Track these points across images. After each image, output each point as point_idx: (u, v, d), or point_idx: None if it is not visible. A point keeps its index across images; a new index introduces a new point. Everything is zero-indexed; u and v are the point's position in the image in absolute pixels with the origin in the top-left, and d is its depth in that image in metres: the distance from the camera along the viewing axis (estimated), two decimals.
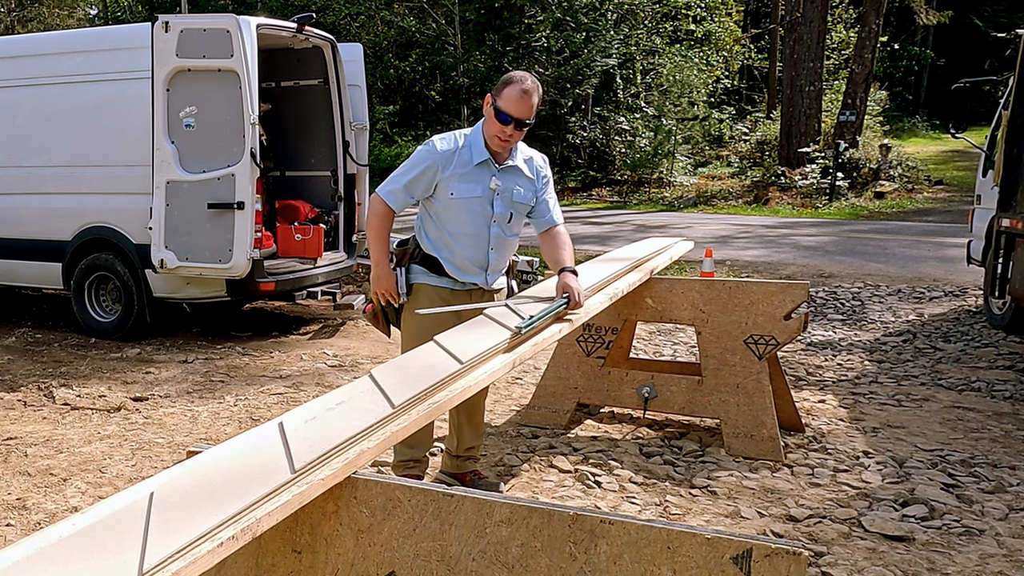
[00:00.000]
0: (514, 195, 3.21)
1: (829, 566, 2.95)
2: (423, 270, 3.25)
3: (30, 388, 5.40)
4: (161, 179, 6.21)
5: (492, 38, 21.94)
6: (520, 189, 3.23)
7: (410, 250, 3.29)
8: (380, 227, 3.21)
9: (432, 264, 3.24)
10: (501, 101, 3.03)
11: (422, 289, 3.25)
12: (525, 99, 3.02)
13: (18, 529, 3.36)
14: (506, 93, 3.03)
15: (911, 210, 16.06)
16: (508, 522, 1.60)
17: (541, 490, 3.68)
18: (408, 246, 3.31)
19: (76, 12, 33.28)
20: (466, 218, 3.16)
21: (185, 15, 10.41)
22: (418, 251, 3.27)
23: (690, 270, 9.22)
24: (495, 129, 3.06)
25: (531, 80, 3.06)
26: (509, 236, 3.28)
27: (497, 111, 3.05)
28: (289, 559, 1.78)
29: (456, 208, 3.15)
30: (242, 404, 5.07)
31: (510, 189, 3.20)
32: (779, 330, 4.04)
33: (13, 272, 7.29)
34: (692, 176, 21.75)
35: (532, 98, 3.04)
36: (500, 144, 3.10)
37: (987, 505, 3.47)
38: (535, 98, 3.05)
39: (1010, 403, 5.00)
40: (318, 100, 7.45)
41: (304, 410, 1.97)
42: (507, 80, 3.06)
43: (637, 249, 4.63)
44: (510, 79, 3.06)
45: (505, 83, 3.05)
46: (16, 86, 7.09)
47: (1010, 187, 5.88)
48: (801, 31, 19.04)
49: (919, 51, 31.59)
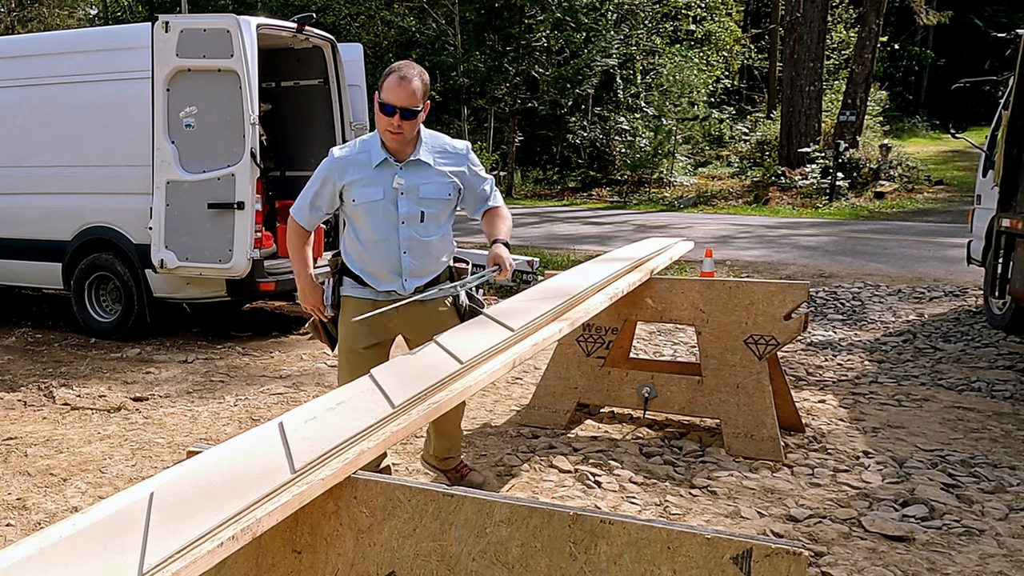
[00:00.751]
0: (421, 191, 3.03)
1: (829, 566, 2.95)
2: (350, 282, 3.16)
3: (30, 388, 5.40)
4: (161, 179, 6.21)
5: (492, 38, 21.95)
6: (429, 184, 3.04)
7: (339, 262, 3.20)
8: (296, 245, 3.19)
9: (353, 275, 3.14)
10: (382, 93, 2.89)
11: (348, 302, 3.16)
12: (404, 85, 2.85)
13: (18, 529, 3.36)
14: (385, 84, 2.88)
15: (911, 210, 16.06)
16: (508, 522, 1.60)
17: (541, 490, 3.68)
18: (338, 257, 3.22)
19: (76, 12, 33.29)
20: (372, 223, 3.02)
21: (185, 15, 10.41)
22: (341, 262, 3.18)
23: (690, 270, 9.23)
24: (383, 124, 2.92)
25: (409, 67, 2.91)
26: (427, 236, 3.08)
27: (380, 104, 2.90)
28: (289, 559, 1.78)
29: (361, 214, 3.03)
30: (242, 404, 5.07)
31: (416, 186, 3.02)
32: (779, 330, 4.04)
33: (13, 272, 7.29)
34: (692, 176, 21.77)
35: (412, 83, 2.86)
36: (393, 138, 2.94)
37: (987, 505, 3.47)
38: (416, 83, 2.87)
39: (1010, 403, 5.00)
40: (318, 100, 7.44)
41: (304, 410, 1.97)
42: (387, 71, 2.91)
43: (637, 249, 4.63)
44: (389, 70, 2.91)
45: (385, 75, 2.90)
46: (16, 86, 7.10)
47: (1010, 187, 5.88)
48: (801, 31, 19.04)
49: (919, 51, 31.61)
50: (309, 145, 7.66)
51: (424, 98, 2.91)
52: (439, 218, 3.10)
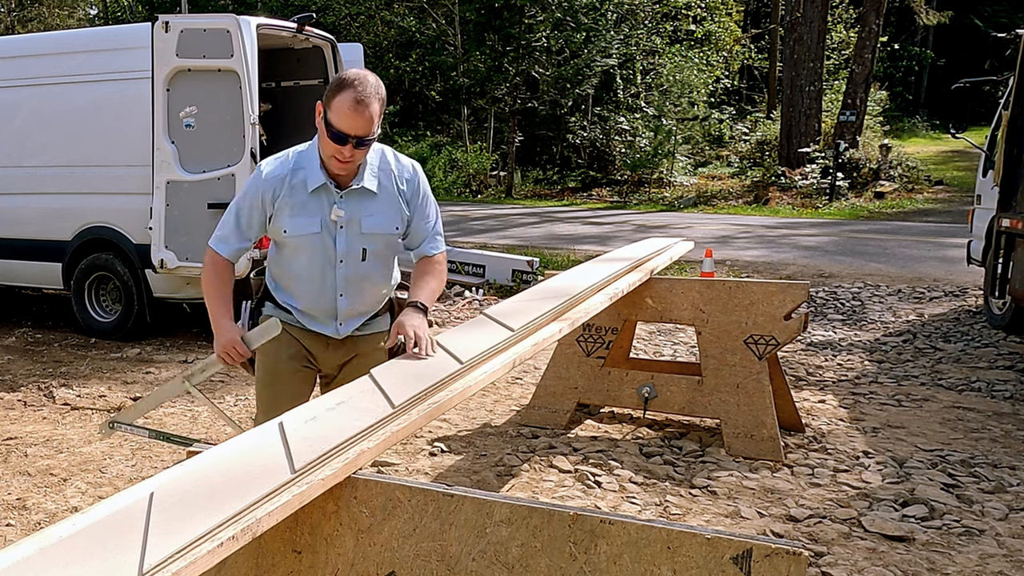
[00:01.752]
0: (363, 225, 2.51)
1: (829, 566, 2.95)
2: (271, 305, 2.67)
3: (30, 388, 5.40)
4: (161, 179, 6.21)
5: (492, 38, 21.95)
6: (373, 217, 2.51)
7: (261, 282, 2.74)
8: (215, 282, 2.57)
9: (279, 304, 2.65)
10: (331, 115, 2.32)
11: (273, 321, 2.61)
12: (360, 111, 2.29)
13: (18, 529, 3.36)
14: (336, 106, 2.31)
15: (911, 210, 16.06)
16: (508, 522, 1.60)
17: (541, 490, 3.68)
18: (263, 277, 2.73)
19: (76, 12, 33.30)
20: (305, 259, 2.53)
21: (185, 15, 10.42)
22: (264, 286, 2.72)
23: (690, 270, 9.23)
24: (330, 149, 2.37)
25: (365, 84, 2.32)
26: (368, 275, 2.58)
27: (328, 126, 2.34)
28: (289, 559, 1.78)
29: (292, 247, 2.53)
30: (242, 404, 5.07)
31: (357, 219, 2.50)
32: (779, 330, 4.04)
33: (13, 272, 7.29)
34: (692, 176, 21.76)
35: (369, 107, 2.30)
36: (339, 166, 2.41)
37: (987, 505, 3.47)
38: (375, 106, 2.31)
39: (1010, 403, 5.00)
40: (318, 100, 7.43)
41: (304, 410, 1.97)
42: (339, 84, 2.33)
43: (637, 249, 4.63)
44: (341, 82, 2.32)
45: (336, 88, 2.32)
46: (16, 86, 7.09)
47: (1010, 187, 5.88)
48: (801, 31, 19.04)
49: (919, 51, 31.61)
50: None
51: (381, 118, 2.39)
52: (385, 252, 2.60)
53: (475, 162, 23.27)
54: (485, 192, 22.89)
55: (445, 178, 23.20)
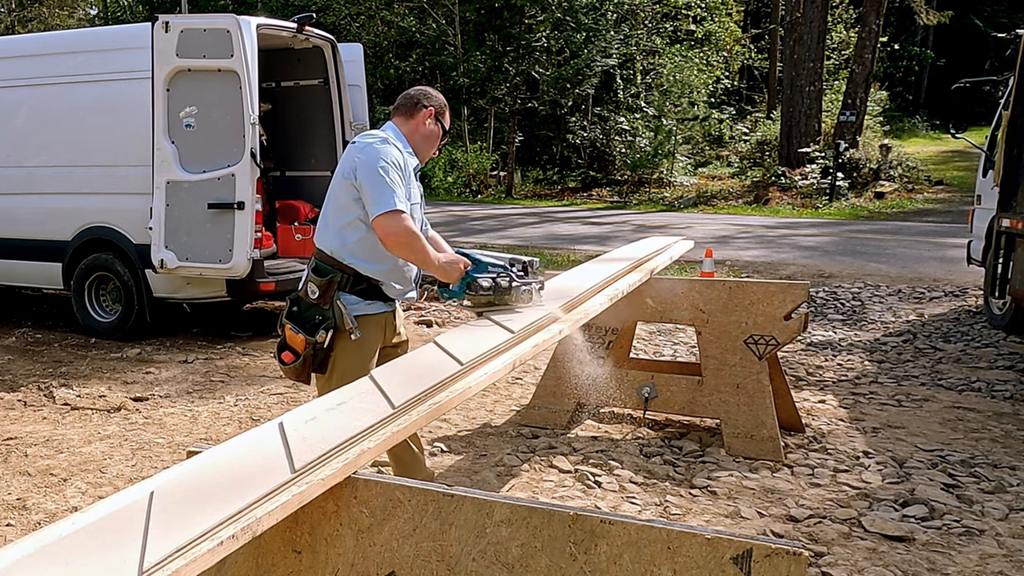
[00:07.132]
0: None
1: (829, 566, 2.95)
2: (356, 299, 2.88)
3: (30, 388, 5.40)
4: (161, 179, 6.21)
5: (492, 38, 21.96)
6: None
7: (338, 279, 2.86)
8: (417, 232, 2.83)
9: (363, 289, 2.88)
10: (446, 119, 3.08)
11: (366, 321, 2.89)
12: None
13: (18, 529, 3.36)
14: (448, 112, 3.10)
15: (911, 210, 16.07)
16: (508, 522, 1.60)
17: (541, 490, 3.68)
18: (333, 274, 2.87)
19: (76, 12, 33.32)
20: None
21: (185, 15, 10.42)
22: (347, 278, 2.87)
23: (690, 270, 9.23)
24: (435, 141, 3.05)
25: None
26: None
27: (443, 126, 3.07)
28: (289, 559, 1.78)
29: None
30: (242, 404, 5.07)
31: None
32: (779, 330, 4.04)
33: (13, 272, 7.29)
34: (692, 176, 21.76)
35: None
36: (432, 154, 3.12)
37: (987, 505, 3.47)
38: None
39: (1010, 403, 5.00)
40: (318, 100, 7.44)
41: (304, 410, 1.97)
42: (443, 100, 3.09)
43: (637, 249, 4.62)
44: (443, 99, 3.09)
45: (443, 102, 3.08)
46: (16, 86, 7.10)
47: (1010, 187, 5.88)
48: (801, 31, 19.05)
49: (919, 51, 31.62)
50: (309, 145, 7.66)
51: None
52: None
53: (475, 162, 23.27)
54: (485, 192, 22.90)
55: (445, 178, 23.21)
